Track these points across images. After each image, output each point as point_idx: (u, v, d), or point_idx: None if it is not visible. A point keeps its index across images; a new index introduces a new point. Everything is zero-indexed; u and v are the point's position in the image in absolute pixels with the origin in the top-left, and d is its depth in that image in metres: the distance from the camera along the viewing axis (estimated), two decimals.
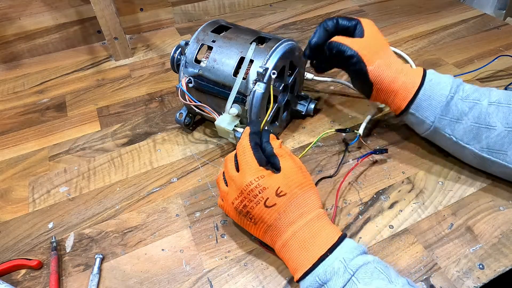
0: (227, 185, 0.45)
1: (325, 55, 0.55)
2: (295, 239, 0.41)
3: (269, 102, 0.52)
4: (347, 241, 0.40)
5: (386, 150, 0.57)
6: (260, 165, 0.42)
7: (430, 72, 0.53)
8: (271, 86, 0.51)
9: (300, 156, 0.53)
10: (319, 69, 0.60)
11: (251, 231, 0.45)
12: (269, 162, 0.44)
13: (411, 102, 0.51)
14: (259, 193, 0.41)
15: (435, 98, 0.50)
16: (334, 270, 0.37)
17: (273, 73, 0.50)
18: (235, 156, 0.45)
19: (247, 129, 0.46)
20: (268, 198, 0.41)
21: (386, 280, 0.37)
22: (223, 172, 0.47)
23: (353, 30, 0.54)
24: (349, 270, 0.37)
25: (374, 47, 0.52)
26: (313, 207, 0.43)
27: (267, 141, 0.45)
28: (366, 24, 0.54)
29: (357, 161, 0.55)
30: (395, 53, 0.82)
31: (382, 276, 0.37)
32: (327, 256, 0.39)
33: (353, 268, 0.37)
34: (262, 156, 0.43)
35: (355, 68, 0.52)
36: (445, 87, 0.50)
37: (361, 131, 0.59)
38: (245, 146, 0.44)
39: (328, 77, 0.74)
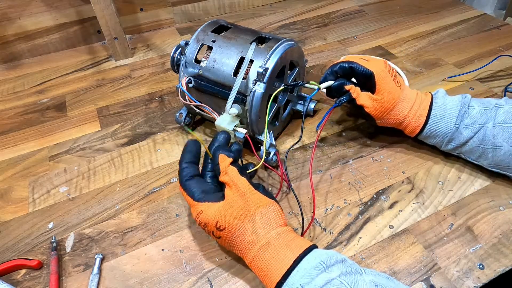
0: None
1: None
2: (254, 268, 0.40)
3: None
4: (306, 260, 0.37)
5: (348, 96, 0.54)
6: (197, 200, 0.42)
7: (436, 106, 0.53)
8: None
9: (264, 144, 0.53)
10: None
11: None
12: (218, 185, 0.45)
13: (419, 134, 0.55)
14: (204, 227, 0.43)
15: (440, 132, 0.53)
16: None
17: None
18: None
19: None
20: (213, 232, 0.42)
21: None
22: None
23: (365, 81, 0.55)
24: None
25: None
26: (260, 234, 0.40)
27: (217, 164, 0.44)
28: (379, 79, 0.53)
29: (317, 128, 0.54)
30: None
31: None
32: (283, 283, 0.36)
33: None
34: (197, 189, 0.43)
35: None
36: (450, 120, 0.52)
37: (323, 86, 0.55)
38: (179, 187, 0.45)
39: None
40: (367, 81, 0.54)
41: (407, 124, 0.54)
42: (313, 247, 0.39)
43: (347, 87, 0.54)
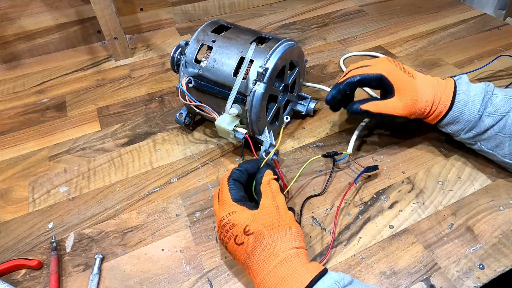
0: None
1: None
2: (265, 286, 0.39)
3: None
4: (322, 281, 0.37)
5: (376, 167, 0.56)
6: (234, 200, 0.43)
7: (460, 91, 0.52)
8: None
9: (291, 184, 0.54)
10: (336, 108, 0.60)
11: None
12: (255, 195, 0.46)
13: (441, 120, 0.53)
14: (230, 229, 0.42)
15: (463, 119, 0.52)
16: None
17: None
18: None
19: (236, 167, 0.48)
20: (237, 236, 0.41)
21: None
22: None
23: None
24: None
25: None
26: (282, 249, 0.40)
27: (261, 176, 0.46)
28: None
29: (355, 182, 0.54)
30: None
31: None
32: None
33: None
34: (238, 191, 0.45)
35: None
36: (474, 107, 0.51)
37: (349, 150, 0.58)
38: (223, 181, 0.46)
39: None
40: (380, 84, 0.53)
41: (433, 110, 0.53)
42: (326, 270, 0.40)
43: (363, 107, 0.54)
